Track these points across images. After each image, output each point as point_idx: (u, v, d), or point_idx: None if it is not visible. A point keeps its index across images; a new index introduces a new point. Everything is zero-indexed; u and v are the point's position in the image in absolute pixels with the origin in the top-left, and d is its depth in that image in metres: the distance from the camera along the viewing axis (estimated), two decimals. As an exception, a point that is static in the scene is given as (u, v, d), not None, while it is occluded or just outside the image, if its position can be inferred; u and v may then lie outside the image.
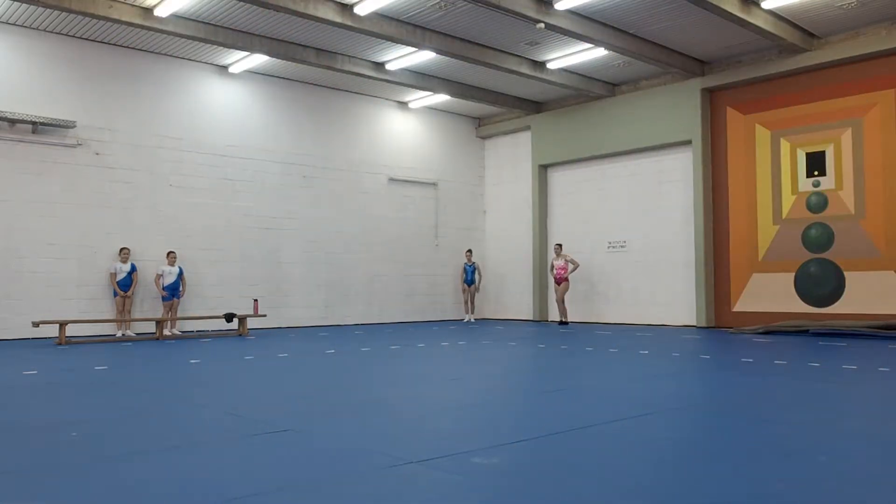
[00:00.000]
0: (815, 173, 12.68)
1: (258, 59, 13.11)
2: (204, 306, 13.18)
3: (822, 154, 12.62)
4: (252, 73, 14.07)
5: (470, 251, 16.78)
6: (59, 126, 11.73)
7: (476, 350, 9.64)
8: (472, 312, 16.59)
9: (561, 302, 15.10)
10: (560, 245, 15.42)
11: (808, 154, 12.78)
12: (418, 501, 2.88)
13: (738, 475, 3.23)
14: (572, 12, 11.16)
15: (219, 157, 13.62)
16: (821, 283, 12.50)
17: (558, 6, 10.82)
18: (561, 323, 15.06)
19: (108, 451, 3.75)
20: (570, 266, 15.17)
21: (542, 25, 10.94)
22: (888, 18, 11.53)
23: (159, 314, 12.33)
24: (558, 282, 15.17)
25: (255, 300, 13.13)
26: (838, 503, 2.86)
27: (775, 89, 13.16)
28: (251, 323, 13.07)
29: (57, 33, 11.92)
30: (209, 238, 13.37)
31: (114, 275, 12.01)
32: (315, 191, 14.92)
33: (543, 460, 3.57)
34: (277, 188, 14.40)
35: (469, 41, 12.51)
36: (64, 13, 10.95)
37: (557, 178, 16.69)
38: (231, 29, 11.80)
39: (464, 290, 16.67)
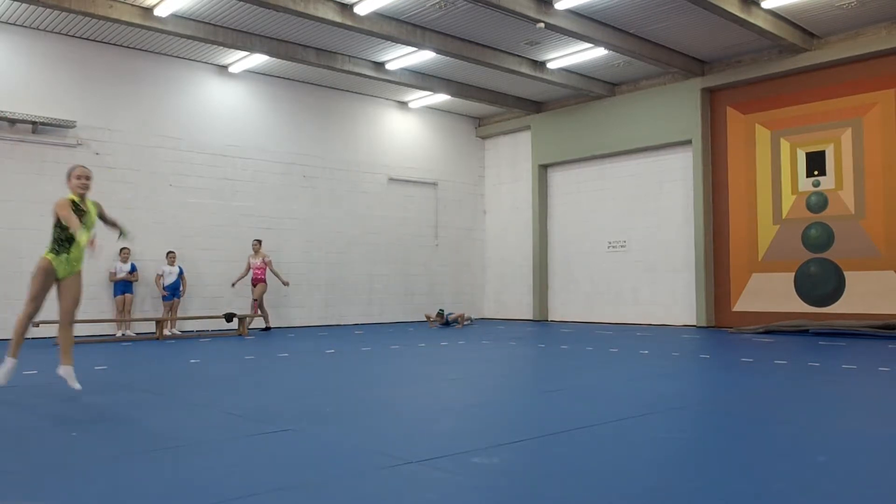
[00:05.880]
0: (815, 173, 12.68)
1: (258, 59, 13.11)
2: (204, 306, 13.18)
3: (822, 154, 12.62)
4: (252, 73, 14.07)
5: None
6: (59, 126, 11.73)
7: (476, 350, 9.63)
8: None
9: (259, 305, 13.28)
10: (259, 241, 13.55)
11: (808, 154, 12.78)
12: (418, 501, 2.88)
13: (738, 475, 3.23)
14: (572, 12, 11.15)
15: (219, 157, 13.62)
16: (821, 283, 12.50)
17: (558, 6, 10.82)
18: (266, 329, 13.47)
19: (108, 451, 3.75)
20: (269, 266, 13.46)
21: (542, 25, 10.94)
22: (888, 18, 11.53)
23: (159, 314, 12.32)
24: (255, 283, 13.30)
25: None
26: (838, 503, 2.86)
27: (775, 89, 13.16)
28: (251, 323, 13.06)
29: (57, 33, 11.91)
30: (209, 238, 13.37)
31: (114, 273, 12.00)
32: (315, 191, 14.92)
33: (543, 460, 3.57)
34: (277, 188, 14.40)
35: (469, 41, 12.51)
36: (64, 13, 10.95)
37: (557, 178, 16.69)
38: (231, 29, 11.80)
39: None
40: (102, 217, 5.97)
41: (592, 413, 4.80)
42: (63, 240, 5.60)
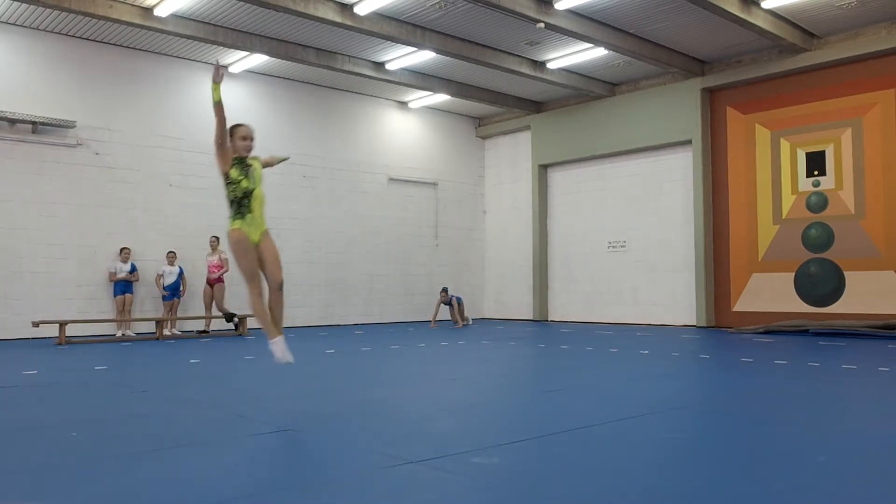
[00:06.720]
0: (815, 173, 12.68)
1: (258, 59, 13.11)
2: (204, 306, 13.16)
3: (822, 154, 12.62)
4: (252, 73, 14.07)
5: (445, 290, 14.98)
6: (59, 126, 11.73)
7: (476, 350, 9.63)
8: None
9: (220, 308, 12.38)
10: (217, 238, 12.50)
11: (808, 154, 12.78)
12: (418, 501, 2.88)
13: (738, 475, 3.23)
14: (572, 12, 11.15)
15: (219, 157, 13.59)
16: (821, 283, 12.50)
17: (558, 6, 10.82)
18: (202, 332, 12.54)
19: (108, 451, 3.74)
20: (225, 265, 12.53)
21: (542, 25, 10.94)
22: (888, 18, 11.53)
23: (159, 314, 12.32)
24: (212, 283, 12.50)
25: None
26: (838, 503, 2.86)
27: (775, 89, 13.16)
28: (251, 323, 13.06)
29: (57, 33, 11.91)
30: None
31: (113, 273, 12.00)
32: (315, 191, 14.91)
33: (543, 460, 3.57)
34: (277, 188, 14.37)
35: (469, 41, 12.51)
36: (64, 13, 10.95)
37: (557, 178, 16.69)
38: (231, 29, 11.80)
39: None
40: (267, 165, 5.35)
41: (592, 413, 4.80)
42: (238, 198, 4.99)
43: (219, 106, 4.98)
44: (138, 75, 12.76)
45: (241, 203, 5.01)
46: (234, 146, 5.09)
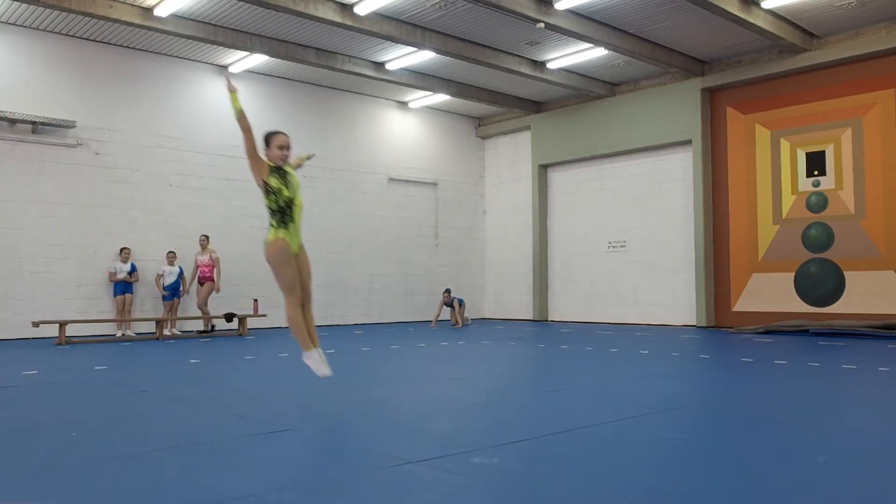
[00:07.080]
0: (815, 173, 12.68)
1: (258, 59, 13.11)
2: (204, 306, 13.16)
3: (822, 154, 12.62)
4: (252, 73, 14.07)
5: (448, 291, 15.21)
6: (59, 126, 11.73)
7: (476, 350, 9.63)
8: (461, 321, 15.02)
9: (204, 307, 12.42)
10: (207, 237, 12.69)
11: (808, 154, 12.78)
12: (418, 501, 2.88)
13: (738, 475, 3.23)
14: (572, 12, 11.15)
15: (219, 157, 13.61)
16: (821, 283, 12.49)
17: (558, 6, 10.82)
18: (202, 332, 12.42)
19: (108, 451, 3.75)
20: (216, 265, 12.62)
21: (542, 25, 10.94)
22: (888, 18, 11.53)
23: (159, 314, 12.32)
24: (202, 281, 12.49)
25: (255, 300, 13.12)
26: (838, 503, 2.86)
27: (775, 89, 13.16)
28: (251, 323, 13.06)
29: (57, 33, 11.91)
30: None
31: (113, 273, 12.00)
32: (315, 191, 14.90)
33: (543, 460, 3.57)
34: (277, 188, 14.36)
35: (469, 41, 12.51)
36: (64, 13, 10.94)
37: (557, 178, 16.69)
38: (231, 29, 11.80)
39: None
40: (296, 167, 5.38)
41: (592, 413, 4.80)
42: (280, 207, 4.96)
43: (242, 116, 5.03)
44: (138, 75, 12.75)
45: (283, 212, 4.99)
46: (269, 155, 5.09)
